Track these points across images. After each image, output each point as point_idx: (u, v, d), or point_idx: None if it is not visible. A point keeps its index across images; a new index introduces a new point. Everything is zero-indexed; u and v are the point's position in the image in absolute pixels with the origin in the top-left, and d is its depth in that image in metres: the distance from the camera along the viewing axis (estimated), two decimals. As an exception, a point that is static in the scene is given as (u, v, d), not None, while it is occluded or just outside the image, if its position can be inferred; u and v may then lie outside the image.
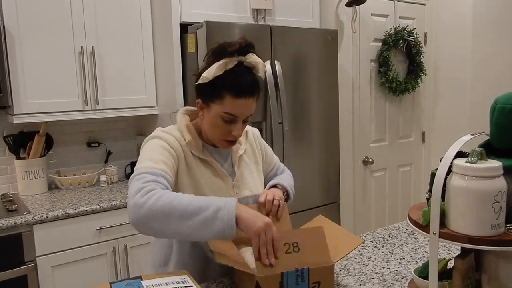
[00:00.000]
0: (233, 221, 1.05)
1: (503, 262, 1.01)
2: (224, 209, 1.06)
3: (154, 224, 1.07)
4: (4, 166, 2.61)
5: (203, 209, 1.06)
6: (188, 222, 1.06)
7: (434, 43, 3.57)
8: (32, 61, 2.37)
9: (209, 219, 1.05)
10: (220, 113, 1.22)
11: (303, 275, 1.12)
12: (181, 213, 1.06)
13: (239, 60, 1.21)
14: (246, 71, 1.22)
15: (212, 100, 1.23)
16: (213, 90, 1.21)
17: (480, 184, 0.92)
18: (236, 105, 1.20)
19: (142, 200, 1.07)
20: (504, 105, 0.98)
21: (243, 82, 1.20)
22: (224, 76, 1.19)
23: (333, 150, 2.88)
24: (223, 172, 1.33)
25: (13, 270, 2.09)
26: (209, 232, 1.06)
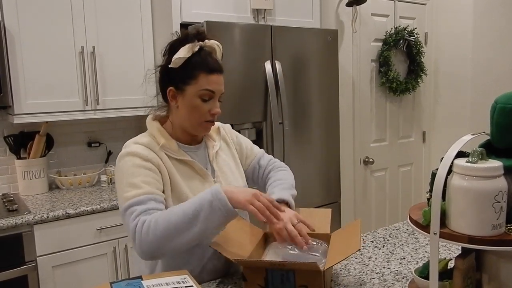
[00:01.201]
0: (228, 205, 1.12)
1: (504, 262, 1.01)
2: (215, 199, 1.12)
3: (167, 248, 1.13)
4: (5, 166, 2.61)
5: (198, 210, 1.12)
6: (194, 229, 1.11)
7: (434, 43, 3.57)
8: (32, 61, 2.37)
9: (208, 215, 1.11)
10: (197, 92, 1.26)
11: (288, 277, 1.13)
12: (183, 226, 1.11)
13: (201, 45, 1.29)
14: (209, 53, 1.30)
15: (186, 82, 1.27)
16: (186, 72, 1.26)
17: (481, 184, 0.92)
18: (211, 80, 1.26)
19: (142, 236, 1.13)
20: (504, 105, 0.98)
21: (211, 60, 1.28)
22: (192, 58, 1.26)
23: (333, 150, 2.88)
24: (203, 171, 1.33)
25: (13, 270, 2.09)
26: (215, 225, 1.12)
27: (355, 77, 3.19)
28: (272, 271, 1.13)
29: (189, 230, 1.11)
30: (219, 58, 1.33)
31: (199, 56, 1.27)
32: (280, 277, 1.13)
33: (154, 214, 1.14)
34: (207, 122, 1.30)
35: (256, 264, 1.13)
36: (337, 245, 1.26)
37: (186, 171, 1.31)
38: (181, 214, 1.12)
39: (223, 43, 1.38)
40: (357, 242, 1.16)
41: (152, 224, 1.12)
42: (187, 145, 1.35)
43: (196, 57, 1.26)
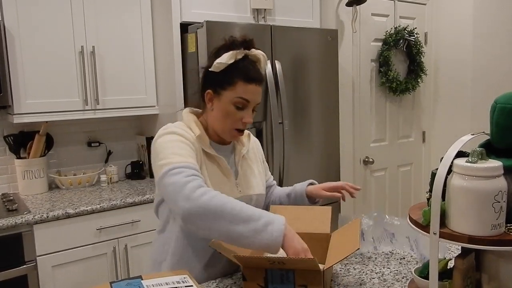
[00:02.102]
0: (280, 238, 1.09)
1: (504, 262, 1.01)
2: (274, 224, 1.10)
3: (201, 222, 1.10)
4: (5, 166, 2.61)
5: (254, 219, 1.10)
6: (237, 228, 1.09)
7: (434, 43, 3.57)
8: (32, 60, 2.36)
9: (258, 230, 1.09)
10: (232, 99, 1.27)
11: (288, 276, 1.13)
12: (232, 218, 1.09)
13: (245, 53, 1.30)
14: (252, 62, 1.30)
15: (224, 88, 1.28)
16: (225, 78, 1.27)
17: (481, 184, 0.92)
18: (248, 90, 1.27)
19: (195, 195, 1.10)
20: (504, 105, 0.98)
21: (253, 70, 1.28)
22: (234, 64, 1.27)
23: (333, 150, 2.88)
24: (228, 169, 1.35)
25: (13, 270, 2.09)
26: (255, 242, 1.10)
27: (355, 77, 3.19)
28: (272, 270, 1.13)
29: (231, 227, 1.09)
30: (262, 69, 1.34)
31: (241, 64, 1.28)
32: (280, 276, 1.13)
33: (214, 191, 1.13)
34: (237, 130, 1.31)
35: (255, 261, 1.13)
36: (336, 245, 1.27)
37: (212, 167, 1.32)
38: (238, 209, 1.10)
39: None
40: (356, 241, 1.17)
41: (208, 194, 1.11)
42: (217, 143, 1.38)
43: (238, 64, 1.27)
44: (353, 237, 1.22)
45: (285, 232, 1.11)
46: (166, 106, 2.68)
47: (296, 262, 1.09)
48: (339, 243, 1.26)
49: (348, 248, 1.16)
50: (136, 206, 2.40)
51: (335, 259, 1.14)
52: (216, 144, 1.37)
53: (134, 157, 3.05)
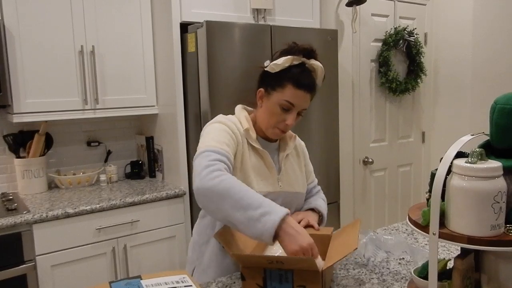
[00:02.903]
0: (272, 230, 1.09)
1: (503, 262, 1.01)
2: (271, 215, 1.11)
3: (207, 202, 1.16)
4: (4, 165, 2.61)
5: (253, 207, 1.12)
6: (236, 214, 1.12)
7: (434, 43, 3.57)
8: (32, 60, 2.36)
9: (254, 218, 1.11)
10: (280, 100, 1.35)
11: (286, 276, 1.13)
12: (234, 203, 1.13)
13: (303, 61, 1.37)
14: (307, 71, 1.37)
15: (274, 89, 1.36)
16: (277, 80, 1.36)
17: (480, 184, 0.92)
18: (295, 95, 1.33)
19: (208, 177, 1.17)
20: (504, 106, 0.98)
21: (305, 77, 1.35)
22: (289, 69, 1.35)
23: (333, 150, 2.88)
24: (271, 163, 1.43)
25: (12, 269, 2.09)
26: (249, 230, 1.12)
27: (354, 77, 3.19)
28: (271, 271, 1.13)
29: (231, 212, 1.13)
30: (318, 80, 1.41)
31: (295, 70, 1.34)
32: (279, 276, 1.13)
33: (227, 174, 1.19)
34: (279, 129, 1.39)
35: (253, 260, 1.13)
36: (335, 245, 1.27)
37: (257, 160, 1.41)
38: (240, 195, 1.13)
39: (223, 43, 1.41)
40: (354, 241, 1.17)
41: (221, 176, 1.16)
42: (263, 139, 1.46)
43: (292, 69, 1.34)
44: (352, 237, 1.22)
45: (283, 226, 1.10)
46: (166, 106, 2.68)
47: (295, 262, 1.09)
48: (339, 243, 1.26)
49: (347, 248, 1.15)
50: (135, 206, 2.40)
51: (334, 259, 1.14)
52: (263, 140, 1.46)
53: (134, 157, 3.05)
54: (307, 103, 1.38)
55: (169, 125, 2.65)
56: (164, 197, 2.49)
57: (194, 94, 2.46)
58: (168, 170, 2.75)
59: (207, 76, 2.31)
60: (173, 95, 2.53)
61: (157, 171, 2.90)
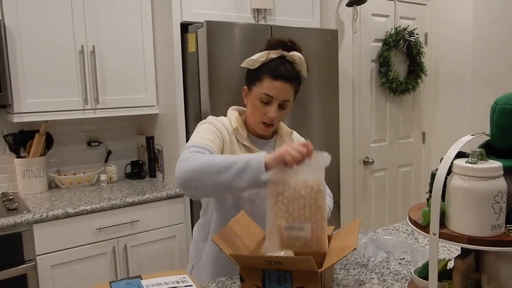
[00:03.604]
0: (262, 167, 1.14)
1: (503, 263, 1.01)
2: (254, 159, 1.15)
3: (192, 183, 1.18)
4: (4, 165, 2.61)
5: (235, 163, 1.16)
6: (223, 175, 1.15)
7: (434, 43, 3.57)
8: (32, 60, 2.36)
9: (241, 169, 1.15)
10: (259, 94, 1.36)
11: (285, 277, 1.12)
12: (217, 169, 1.16)
13: (282, 54, 1.38)
14: (287, 62, 1.38)
15: (254, 84, 1.38)
16: (256, 74, 1.38)
17: (480, 184, 0.92)
18: (273, 86, 1.34)
19: (184, 164, 1.20)
20: (504, 106, 0.98)
21: (282, 68, 1.36)
22: (266, 63, 1.36)
23: (333, 150, 2.88)
24: None
25: (13, 269, 2.09)
26: (243, 181, 1.15)
27: (355, 77, 3.19)
28: (269, 271, 1.13)
29: (219, 176, 1.15)
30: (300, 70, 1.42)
31: (273, 62, 1.36)
32: (277, 277, 1.13)
33: (199, 154, 1.23)
34: (264, 123, 1.40)
35: (251, 261, 1.13)
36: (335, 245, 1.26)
37: None
38: (218, 160, 1.17)
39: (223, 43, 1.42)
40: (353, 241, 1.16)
41: (195, 157, 1.20)
42: (257, 137, 1.48)
43: (270, 63, 1.36)
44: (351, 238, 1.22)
45: (268, 159, 1.15)
46: (166, 106, 2.68)
47: (293, 262, 1.09)
48: (338, 243, 1.26)
49: (346, 249, 1.15)
50: (135, 205, 2.40)
51: (333, 260, 1.14)
52: (257, 138, 1.47)
53: (134, 157, 3.05)
54: (288, 94, 1.38)
55: (169, 125, 2.65)
56: (165, 197, 2.49)
57: (194, 94, 2.46)
58: (169, 170, 2.75)
59: (208, 76, 2.31)
60: (174, 95, 2.53)
61: (157, 171, 2.90)
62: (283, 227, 1.16)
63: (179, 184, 1.21)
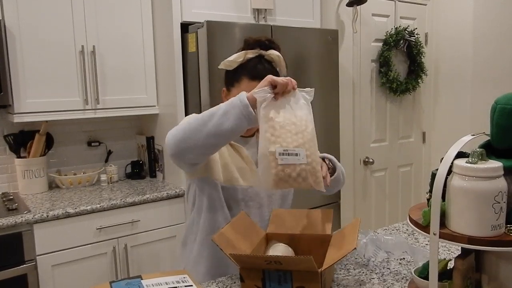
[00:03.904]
0: (245, 101, 1.11)
1: (504, 263, 1.01)
2: (235, 98, 1.13)
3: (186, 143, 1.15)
4: (5, 165, 2.61)
5: (218, 108, 1.14)
6: (210, 124, 1.13)
7: (434, 43, 3.57)
8: (32, 60, 2.37)
9: (226, 110, 1.12)
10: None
11: (285, 277, 1.12)
12: (202, 121, 1.14)
13: (260, 53, 1.36)
14: (265, 62, 1.36)
15: (232, 85, 1.37)
16: (234, 75, 1.36)
17: (481, 184, 0.92)
18: (251, 86, 1.27)
19: (170, 135, 1.19)
20: (504, 106, 0.98)
21: (260, 68, 1.33)
22: (244, 63, 1.34)
23: (333, 150, 2.88)
24: (247, 157, 1.43)
25: (13, 269, 2.09)
26: (230, 120, 1.11)
27: (355, 77, 3.19)
28: (269, 271, 1.13)
29: (206, 125, 1.12)
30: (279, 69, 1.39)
31: (250, 62, 1.34)
32: (277, 277, 1.13)
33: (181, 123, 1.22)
34: None
35: (250, 260, 1.13)
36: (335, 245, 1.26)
37: (236, 156, 1.42)
38: (203, 113, 1.16)
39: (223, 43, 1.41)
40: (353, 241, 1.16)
41: (182, 122, 1.20)
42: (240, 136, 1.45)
43: (247, 63, 1.34)
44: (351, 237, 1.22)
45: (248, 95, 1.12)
46: (166, 106, 2.68)
47: (293, 261, 1.09)
48: (338, 243, 1.26)
49: (345, 249, 1.15)
50: (136, 206, 2.40)
51: (332, 260, 1.14)
52: (241, 138, 1.45)
53: (134, 157, 3.05)
54: None
55: (169, 125, 2.65)
56: (165, 197, 2.49)
57: (194, 94, 2.46)
58: (169, 170, 2.75)
59: (208, 76, 2.32)
60: (174, 95, 2.53)
61: (157, 171, 2.90)
62: (277, 153, 1.10)
63: (172, 153, 1.18)
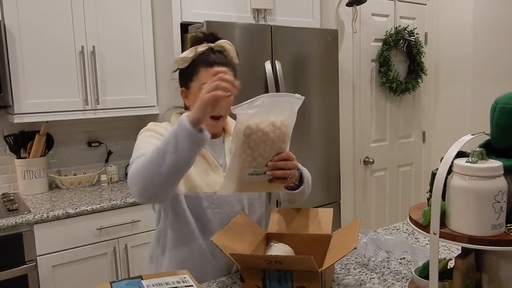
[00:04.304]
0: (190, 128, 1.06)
1: (504, 262, 1.01)
2: (179, 127, 1.08)
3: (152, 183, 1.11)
4: (5, 165, 2.61)
5: (166, 142, 1.09)
6: (165, 163, 1.08)
7: (434, 43, 3.57)
8: (32, 60, 2.37)
9: (176, 144, 1.08)
10: (199, 87, 1.28)
11: (286, 277, 1.12)
12: (155, 165, 1.10)
13: (209, 46, 1.34)
14: (217, 51, 1.34)
15: (191, 79, 1.33)
16: (190, 70, 1.33)
17: (481, 184, 0.92)
18: (210, 73, 1.22)
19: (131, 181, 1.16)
20: (504, 105, 0.98)
21: (213, 56, 1.32)
22: (196, 57, 1.32)
23: (333, 150, 2.88)
24: (213, 162, 1.37)
25: (13, 270, 2.09)
26: (184, 152, 1.08)
27: (355, 77, 3.19)
28: (270, 271, 1.13)
29: (162, 165, 1.09)
30: (232, 57, 1.36)
31: (203, 54, 1.32)
32: (278, 277, 1.13)
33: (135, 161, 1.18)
34: (212, 118, 1.31)
35: (251, 260, 1.13)
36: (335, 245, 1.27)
37: (200, 161, 1.35)
38: (153, 150, 1.12)
39: None
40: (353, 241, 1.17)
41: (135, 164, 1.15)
42: None
43: (200, 55, 1.32)
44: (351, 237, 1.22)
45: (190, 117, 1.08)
46: (166, 106, 2.67)
47: (294, 261, 1.09)
48: (338, 243, 1.26)
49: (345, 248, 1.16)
50: (136, 206, 2.40)
51: (333, 259, 1.14)
52: None
53: (134, 157, 3.04)
54: None
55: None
56: (165, 197, 2.49)
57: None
58: (169, 170, 2.75)
59: (208, 76, 2.31)
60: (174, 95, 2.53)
61: (157, 171, 2.90)
62: (247, 173, 1.13)
63: (141, 201, 1.16)
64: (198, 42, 1.35)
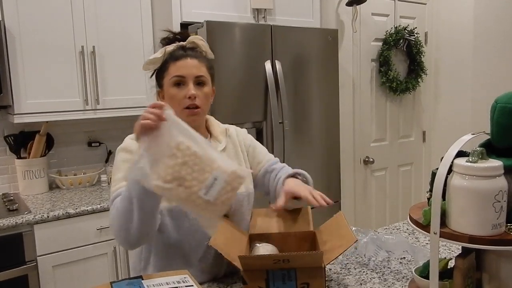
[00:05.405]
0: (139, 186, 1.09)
1: (504, 262, 1.01)
2: (130, 188, 1.13)
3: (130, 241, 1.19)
4: (5, 166, 2.61)
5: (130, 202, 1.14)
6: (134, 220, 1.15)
7: (434, 42, 3.57)
8: (32, 60, 2.37)
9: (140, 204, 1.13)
10: (169, 81, 1.30)
11: (290, 275, 1.12)
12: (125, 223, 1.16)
13: (180, 45, 1.34)
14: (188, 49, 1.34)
15: (163, 77, 1.33)
16: (161, 69, 1.34)
17: (481, 183, 0.92)
18: (179, 66, 1.29)
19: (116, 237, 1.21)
20: (504, 105, 0.98)
21: (183, 51, 1.33)
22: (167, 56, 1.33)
23: (333, 150, 2.88)
24: None
25: (14, 270, 2.09)
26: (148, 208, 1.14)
27: (355, 77, 3.19)
28: (273, 271, 1.12)
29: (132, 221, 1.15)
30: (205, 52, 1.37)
31: (172, 52, 1.32)
32: (282, 276, 1.13)
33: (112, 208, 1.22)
34: (187, 109, 1.30)
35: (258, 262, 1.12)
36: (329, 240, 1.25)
37: None
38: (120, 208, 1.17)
39: (223, 43, 1.39)
40: (350, 234, 1.16)
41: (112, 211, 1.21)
42: None
43: (169, 55, 1.32)
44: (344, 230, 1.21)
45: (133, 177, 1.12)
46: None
47: (302, 258, 1.08)
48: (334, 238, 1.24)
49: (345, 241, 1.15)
50: (136, 206, 2.40)
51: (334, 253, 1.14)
52: None
53: (135, 157, 3.04)
54: (198, 69, 1.30)
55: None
56: (165, 197, 2.48)
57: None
58: (169, 170, 2.75)
59: (208, 76, 2.31)
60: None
61: (158, 171, 2.90)
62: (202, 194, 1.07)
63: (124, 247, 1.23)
64: (169, 43, 1.36)
